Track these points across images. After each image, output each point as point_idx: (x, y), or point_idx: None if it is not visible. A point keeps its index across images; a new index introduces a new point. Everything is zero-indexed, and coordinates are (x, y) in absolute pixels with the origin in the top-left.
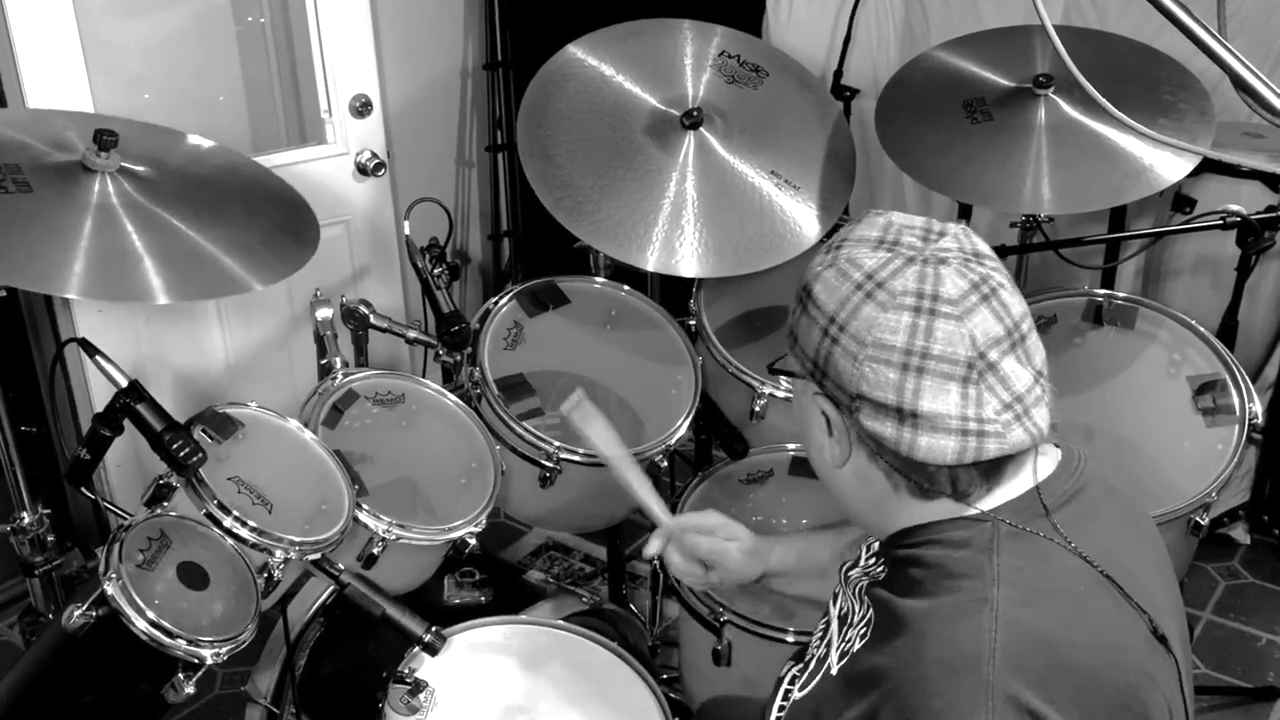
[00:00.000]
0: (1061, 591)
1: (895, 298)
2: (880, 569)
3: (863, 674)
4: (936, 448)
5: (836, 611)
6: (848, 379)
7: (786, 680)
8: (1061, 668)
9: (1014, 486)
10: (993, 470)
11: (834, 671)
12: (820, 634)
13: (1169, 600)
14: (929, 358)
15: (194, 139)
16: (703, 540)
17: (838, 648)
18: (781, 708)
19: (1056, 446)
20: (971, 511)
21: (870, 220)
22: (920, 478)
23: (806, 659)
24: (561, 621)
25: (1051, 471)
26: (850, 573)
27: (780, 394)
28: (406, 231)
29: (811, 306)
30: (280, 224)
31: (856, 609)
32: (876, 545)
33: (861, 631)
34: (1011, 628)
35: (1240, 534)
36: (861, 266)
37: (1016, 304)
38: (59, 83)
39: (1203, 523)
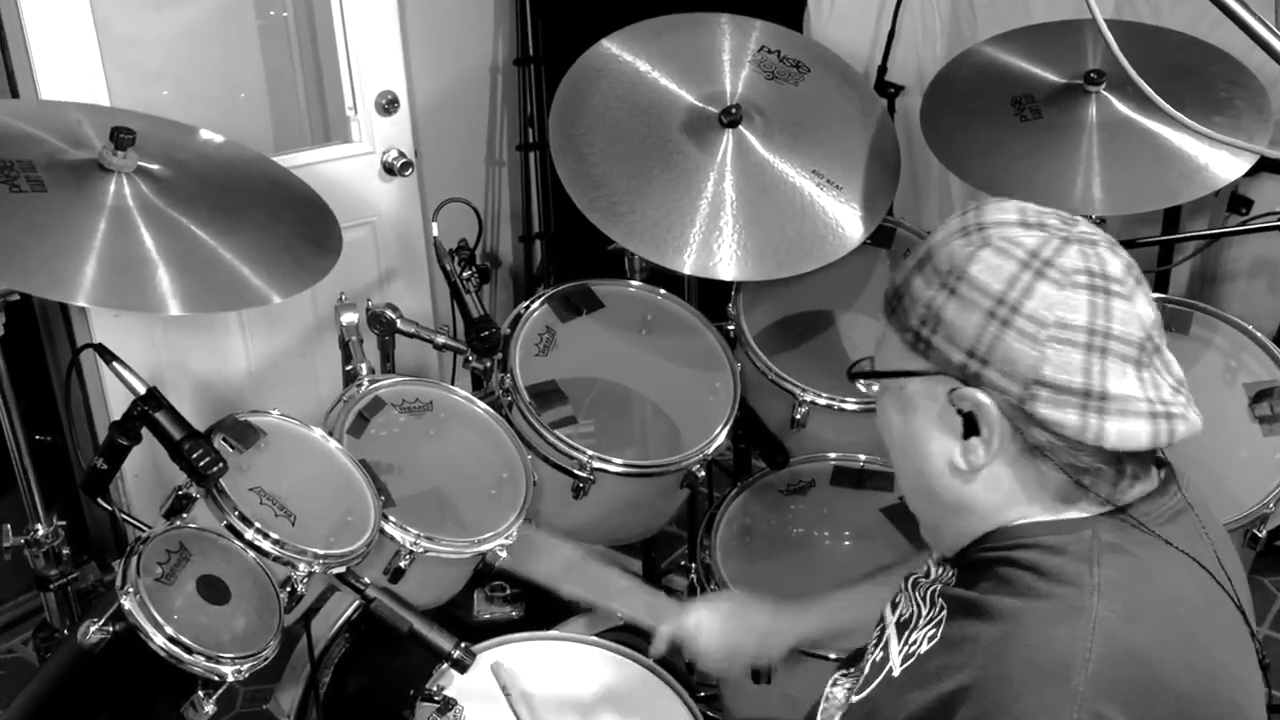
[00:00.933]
0: (1163, 611)
1: (1068, 275)
2: (952, 575)
3: (934, 670)
4: (1129, 432)
5: (895, 619)
6: (1025, 363)
7: (830, 685)
8: (1155, 688)
9: (1139, 489)
10: (1147, 466)
11: (896, 674)
12: (876, 640)
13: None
14: (1111, 337)
15: (214, 136)
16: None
17: (900, 651)
18: (825, 711)
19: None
20: (1075, 515)
21: (995, 205)
22: (1088, 475)
23: (860, 665)
24: (596, 638)
25: (1158, 485)
26: (918, 578)
27: (822, 402)
28: (435, 233)
29: (968, 289)
30: (303, 231)
31: (924, 611)
32: (947, 556)
33: (930, 633)
34: (1108, 642)
35: None
36: (1023, 245)
37: (1151, 294)
38: (74, 77)
39: (1260, 535)
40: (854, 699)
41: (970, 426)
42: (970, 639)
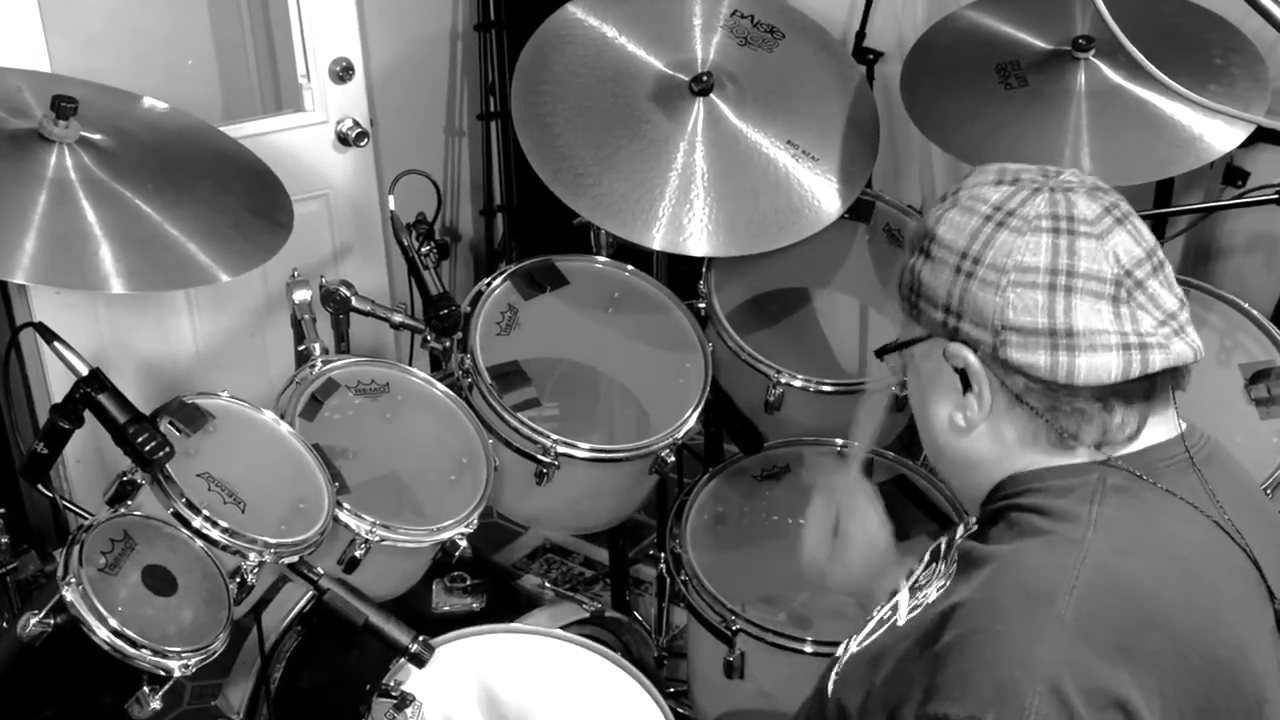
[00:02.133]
0: (1163, 549)
1: (1029, 222)
2: (974, 527)
3: (936, 615)
4: (1098, 365)
5: (909, 583)
6: (990, 310)
7: (839, 649)
8: (1146, 623)
9: (1149, 438)
10: (1144, 407)
11: (901, 623)
12: (885, 603)
13: None
14: (1075, 275)
15: (159, 104)
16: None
17: (908, 604)
18: (836, 669)
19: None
20: (1081, 459)
21: (980, 169)
22: (1069, 417)
23: (865, 623)
24: (559, 630)
25: (1175, 435)
26: (939, 546)
27: (797, 383)
28: (391, 206)
29: (937, 249)
30: (252, 205)
31: (941, 569)
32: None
33: (941, 584)
34: (1099, 571)
35: None
36: (988, 200)
37: (1148, 232)
38: (13, 43)
39: None
40: (853, 648)
41: (966, 383)
42: (969, 580)
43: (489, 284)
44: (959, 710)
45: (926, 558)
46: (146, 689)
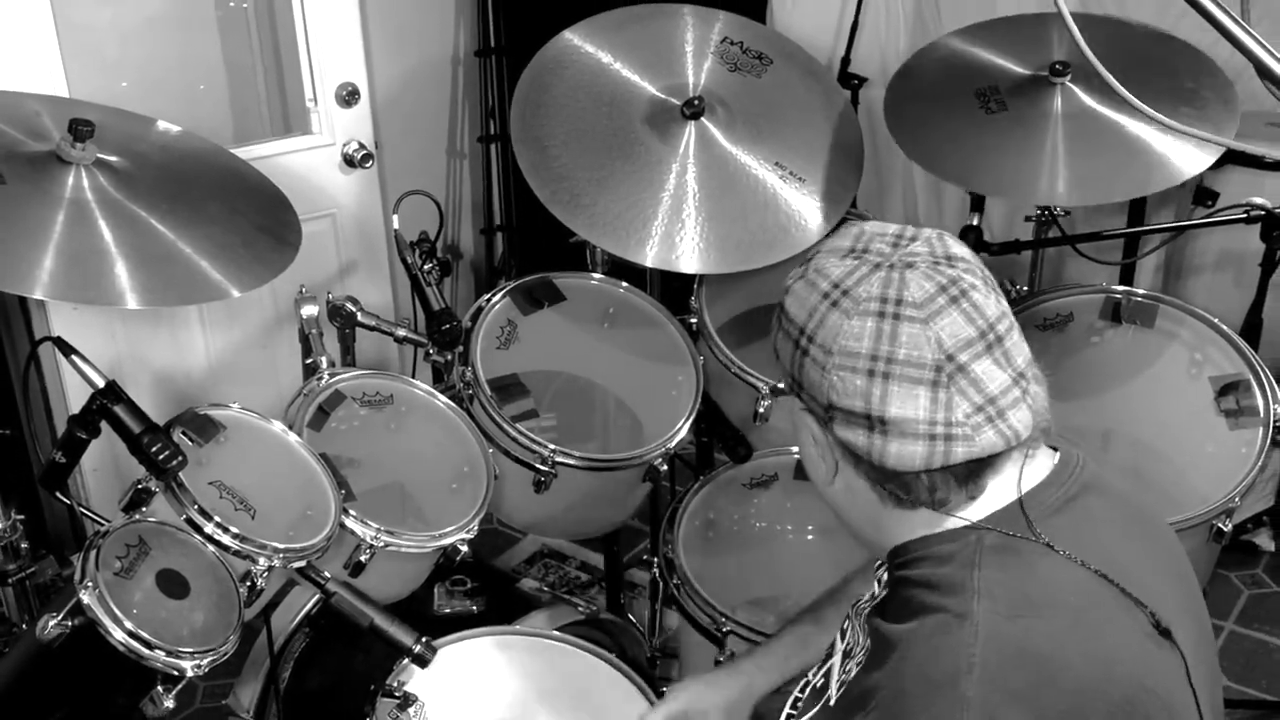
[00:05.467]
0: (1050, 602)
1: (859, 304)
2: (883, 593)
3: (854, 698)
4: (905, 454)
5: (843, 646)
6: (819, 389)
7: (789, 706)
8: (1049, 683)
9: (1000, 495)
10: (970, 477)
11: (832, 703)
12: (822, 664)
13: (1181, 601)
14: (894, 362)
15: (173, 128)
16: None
17: (838, 678)
18: None
19: (1054, 450)
20: (956, 523)
21: (844, 230)
22: (896, 487)
23: (804, 686)
24: (556, 632)
25: (1044, 477)
26: (860, 604)
27: (785, 395)
28: (395, 225)
29: (785, 320)
30: (261, 225)
31: (860, 640)
32: (884, 573)
33: (860, 660)
34: (993, 642)
35: (1265, 541)
36: (829, 276)
37: (991, 305)
38: (32, 68)
39: (1225, 529)
40: None
41: (814, 440)
42: (880, 666)
43: (489, 300)
44: None
45: (851, 614)
46: (160, 688)
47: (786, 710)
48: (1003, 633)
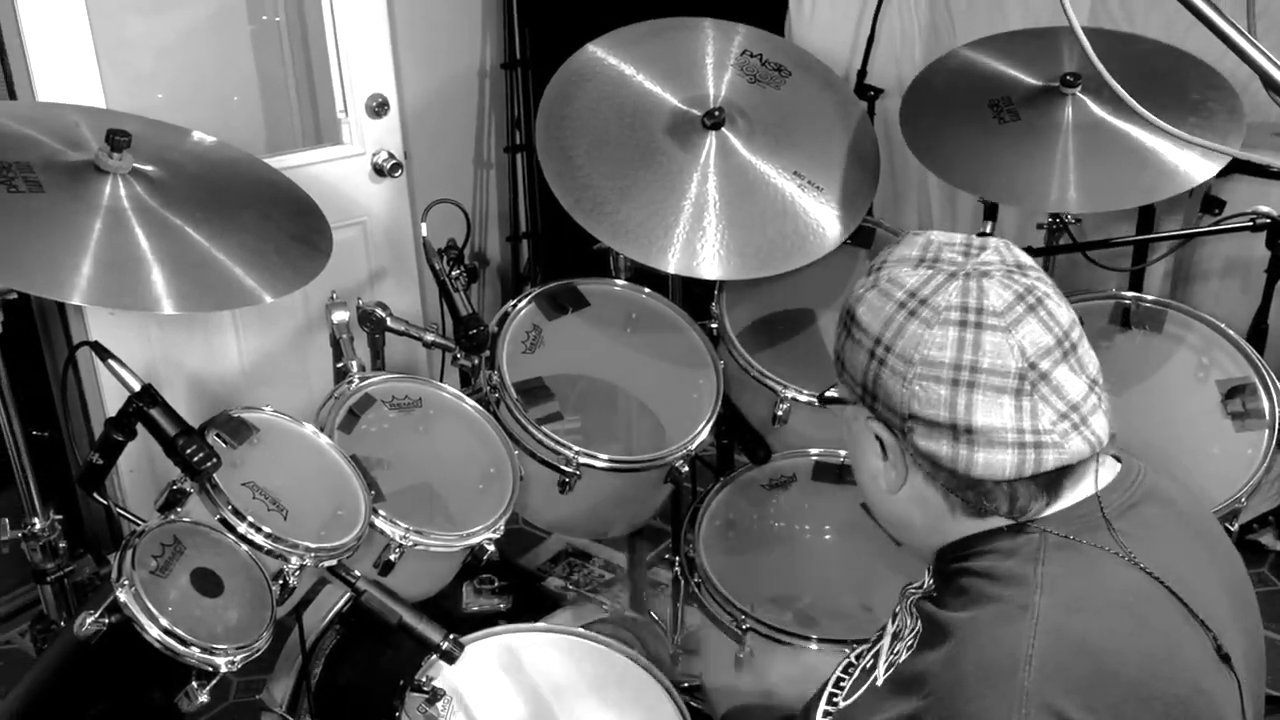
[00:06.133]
0: (1110, 602)
1: (939, 313)
2: (932, 585)
3: (905, 680)
4: (994, 463)
5: (892, 628)
6: (898, 400)
7: (831, 684)
8: (1106, 677)
9: (1071, 498)
10: (1052, 484)
11: (879, 683)
12: (870, 645)
13: (1238, 618)
14: (979, 371)
15: (207, 138)
16: None
17: (886, 659)
18: (827, 713)
19: (1116, 459)
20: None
21: (909, 240)
22: (977, 495)
23: (847, 667)
24: (581, 629)
25: (1109, 483)
26: (909, 589)
27: (803, 399)
28: (424, 233)
29: (856, 330)
30: (294, 232)
31: (909, 624)
32: (932, 566)
33: (910, 643)
34: (1051, 634)
35: (1270, 540)
36: (904, 285)
37: (1064, 313)
38: (71, 80)
39: (1232, 529)
40: (842, 704)
41: (885, 452)
42: (933, 651)
43: (515, 305)
44: None
45: (902, 599)
46: (195, 684)
47: (829, 690)
48: (1062, 626)
